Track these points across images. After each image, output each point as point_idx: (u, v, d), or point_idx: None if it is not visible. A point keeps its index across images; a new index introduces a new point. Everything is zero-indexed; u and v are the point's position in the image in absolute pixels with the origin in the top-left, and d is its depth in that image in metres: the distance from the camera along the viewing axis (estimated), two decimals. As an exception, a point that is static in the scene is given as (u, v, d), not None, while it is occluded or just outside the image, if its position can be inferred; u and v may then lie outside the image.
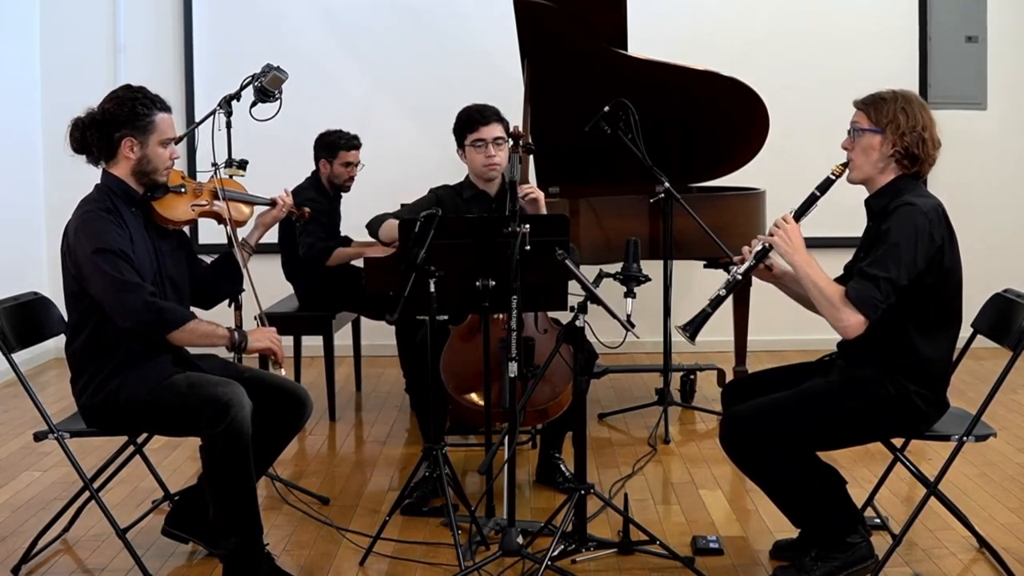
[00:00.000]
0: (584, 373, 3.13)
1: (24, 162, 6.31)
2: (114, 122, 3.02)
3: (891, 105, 2.96)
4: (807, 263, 2.95)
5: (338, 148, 5.12)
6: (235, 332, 3.11)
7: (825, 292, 2.89)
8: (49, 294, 3.42)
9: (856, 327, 2.85)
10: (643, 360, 5.90)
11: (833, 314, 2.87)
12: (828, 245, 4.50)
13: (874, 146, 2.97)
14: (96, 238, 2.95)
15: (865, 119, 3.00)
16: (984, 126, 6.49)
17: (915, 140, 2.94)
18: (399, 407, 5.25)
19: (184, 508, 3.29)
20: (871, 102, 3.01)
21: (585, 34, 4.76)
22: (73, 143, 3.07)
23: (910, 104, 2.97)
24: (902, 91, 3.01)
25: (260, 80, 4.44)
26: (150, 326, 2.96)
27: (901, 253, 2.83)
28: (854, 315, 2.84)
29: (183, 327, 2.99)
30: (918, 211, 2.86)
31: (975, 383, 5.08)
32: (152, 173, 3.09)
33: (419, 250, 3.14)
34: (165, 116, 3.09)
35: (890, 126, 2.95)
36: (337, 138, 5.13)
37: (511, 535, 3.07)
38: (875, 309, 2.83)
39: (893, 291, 2.83)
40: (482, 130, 3.92)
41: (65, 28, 6.41)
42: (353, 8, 6.43)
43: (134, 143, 3.04)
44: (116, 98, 3.05)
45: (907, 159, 2.97)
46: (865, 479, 3.84)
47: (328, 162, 5.13)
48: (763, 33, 6.37)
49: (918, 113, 2.96)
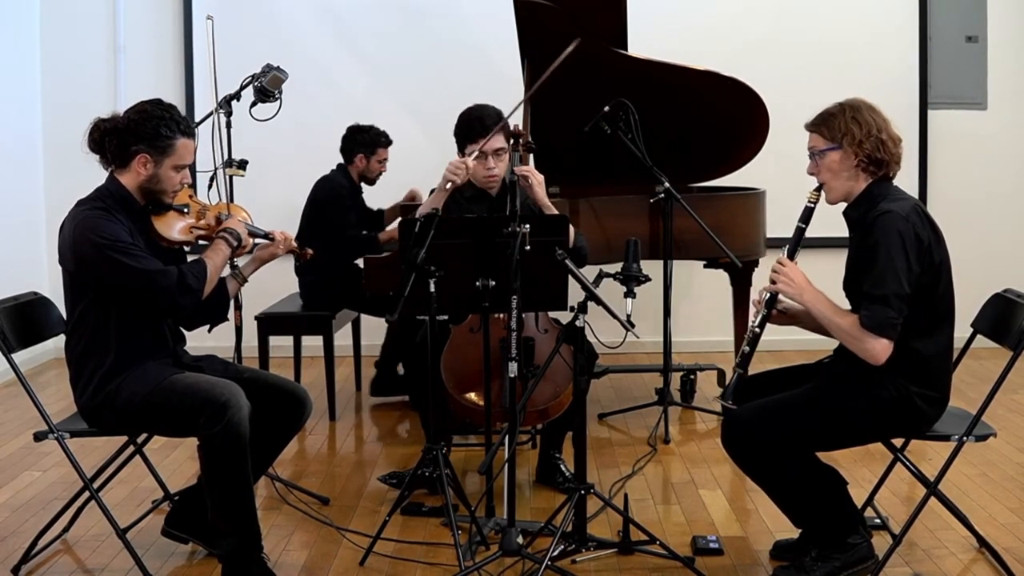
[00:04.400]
0: (584, 373, 3.13)
1: (24, 162, 6.31)
2: (134, 135, 3.01)
3: (840, 118, 2.98)
4: (817, 300, 2.96)
5: (378, 145, 5.34)
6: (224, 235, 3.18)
7: (843, 326, 2.90)
8: (49, 294, 3.42)
9: (884, 352, 2.85)
10: (643, 360, 5.90)
11: (858, 346, 2.87)
12: (828, 245, 4.50)
13: (837, 162, 2.99)
14: (105, 234, 2.94)
15: (820, 139, 3.02)
16: (984, 126, 6.48)
17: (874, 145, 2.95)
18: (399, 407, 5.25)
19: (184, 508, 3.29)
20: (820, 121, 3.03)
21: (585, 34, 4.75)
22: (90, 142, 3.06)
23: (859, 112, 2.98)
24: (847, 101, 3.03)
25: (260, 80, 4.44)
26: (187, 303, 3.02)
27: (897, 264, 2.83)
28: (877, 341, 2.84)
29: (208, 278, 3.07)
30: (897, 217, 2.86)
31: (975, 383, 5.08)
32: (159, 193, 3.09)
33: (419, 250, 3.14)
34: (186, 142, 3.08)
35: (846, 138, 2.96)
36: (377, 135, 5.35)
37: (511, 535, 3.07)
38: (894, 329, 2.84)
39: (904, 304, 2.84)
40: (482, 142, 3.86)
41: (65, 28, 6.41)
42: (353, 8, 6.44)
43: (148, 160, 3.03)
44: (143, 111, 3.04)
45: (872, 165, 2.98)
46: (865, 479, 3.84)
47: (366, 157, 5.31)
48: (763, 33, 6.37)
49: (868, 117, 2.97)
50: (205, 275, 3.07)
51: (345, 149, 5.32)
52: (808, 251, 3.19)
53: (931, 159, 6.42)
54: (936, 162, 6.43)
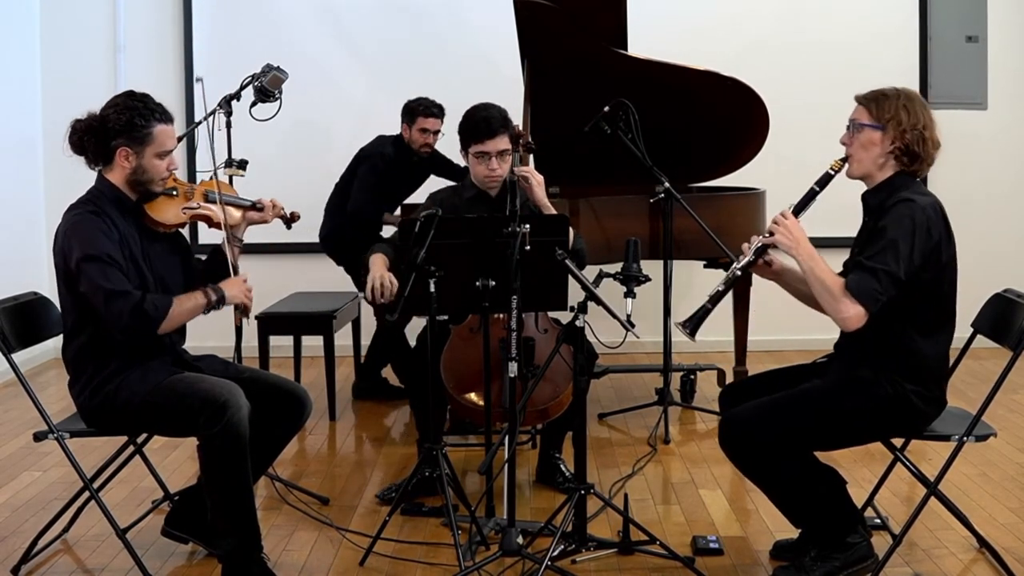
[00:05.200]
0: (584, 373, 3.13)
1: (24, 162, 6.31)
2: (111, 130, 3.00)
3: (893, 102, 2.96)
4: (811, 256, 2.94)
5: (417, 114, 5.31)
6: (211, 292, 3.08)
7: (826, 284, 2.88)
8: (49, 294, 3.41)
9: (856, 319, 2.84)
10: (643, 360, 5.90)
11: (833, 305, 2.86)
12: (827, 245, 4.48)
13: (875, 142, 2.97)
14: (85, 243, 2.93)
15: (866, 114, 2.99)
16: (984, 126, 6.49)
17: (916, 138, 2.94)
18: (399, 407, 5.25)
19: (184, 508, 3.29)
20: (873, 98, 3.00)
21: (585, 34, 4.76)
22: (72, 144, 3.05)
23: (912, 102, 2.97)
24: (904, 89, 3.01)
25: (260, 80, 4.44)
26: (139, 331, 2.95)
27: (900, 247, 2.82)
28: (854, 306, 2.83)
29: (168, 316, 2.97)
30: (916, 207, 2.86)
31: (975, 383, 5.08)
32: (147, 183, 3.07)
33: (419, 250, 3.14)
34: (164, 128, 3.05)
35: (891, 122, 2.94)
36: (417, 104, 5.32)
37: (511, 535, 3.07)
38: (875, 301, 2.82)
39: (893, 284, 2.83)
40: (487, 143, 3.82)
41: (65, 28, 6.41)
42: (353, 8, 6.44)
43: (129, 153, 3.01)
44: (116, 105, 3.02)
45: (906, 156, 2.97)
46: (865, 479, 3.84)
47: (408, 126, 5.31)
48: (763, 33, 6.37)
49: (920, 112, 2.96)
50: (167, 310, 2.97)
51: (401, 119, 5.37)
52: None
53: (931, 159, 6.42)
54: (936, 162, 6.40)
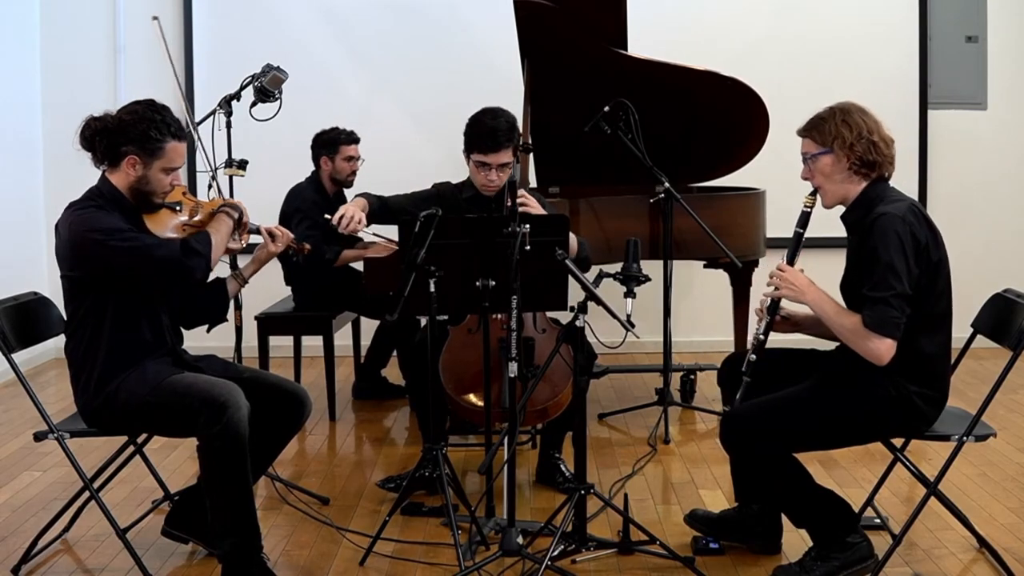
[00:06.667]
0: (584, 373, 3.13)
1: (24, 162, 6.31)
2: (124, 136, 3.00)
3: (831, 122, 3.00)
4: (820, 300, 2.98)
5: (339, 143, 5.15)
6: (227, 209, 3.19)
7: (846, 325, 2.90)
8: (49, 294, 3.42)
9: (888, 351, 2.85)
10: (643, 360, 5.90)
11: (862, 345, 2.88)
12: (828, 245, 4.49)
13: (829, 166, 3.00)
14: (105, 225, 2.94)
15: (812, 144, 3.04)
16: (984, 126, 6.48)
17: (865, 147, 2.96)
18: (399, 407, 5.25)
19: (184, 508, 3.29)
20: (812, 126, 3.05)
21: (585, 34, 4.76)
22: (82, 139, 3.05)
23: (849, 114, 3.00)
24: (838, 105, 3.04)
25: (260, 80, 4.45)
26: (194, 269, 3.02)
27: (896, 266, 2.84)
28: (881, 341, 2.84)
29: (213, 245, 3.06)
30: (895, 219, 2.87)
31: (975, 383, 5.08)
32: (148, 194, 3.07)
33: (419, 250, 3.14)
34: (176, 145, 3.06)
35: (836, 142, 2.98)
36: (337, 134, 5.17)
37: (511, 535, 3.07)
38: (897, 328, 2.84)
39: (905, 303, 2.85)
40: (490, 156, 3.82)
41: (65, 28, 6.41)
42: (353, 8, 6.43)
43: (137, 162, 3.02)
44: (134, 112, 3.02)
45: (865, 167, 2.99)
46: (865, 479, 3.84)
47: (330, 159, 5.15)
48: (763, 33, 6.37)
49: (859, 120, 2.98)
50: (209, 242, 3.06)
51: (312, 156, 5.19)
52: (808, 251, 3.19)
53: (931, 159, 6.41)
54: (936, 162, 6.43)
